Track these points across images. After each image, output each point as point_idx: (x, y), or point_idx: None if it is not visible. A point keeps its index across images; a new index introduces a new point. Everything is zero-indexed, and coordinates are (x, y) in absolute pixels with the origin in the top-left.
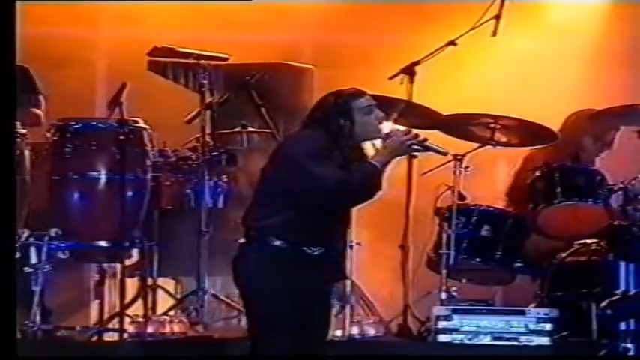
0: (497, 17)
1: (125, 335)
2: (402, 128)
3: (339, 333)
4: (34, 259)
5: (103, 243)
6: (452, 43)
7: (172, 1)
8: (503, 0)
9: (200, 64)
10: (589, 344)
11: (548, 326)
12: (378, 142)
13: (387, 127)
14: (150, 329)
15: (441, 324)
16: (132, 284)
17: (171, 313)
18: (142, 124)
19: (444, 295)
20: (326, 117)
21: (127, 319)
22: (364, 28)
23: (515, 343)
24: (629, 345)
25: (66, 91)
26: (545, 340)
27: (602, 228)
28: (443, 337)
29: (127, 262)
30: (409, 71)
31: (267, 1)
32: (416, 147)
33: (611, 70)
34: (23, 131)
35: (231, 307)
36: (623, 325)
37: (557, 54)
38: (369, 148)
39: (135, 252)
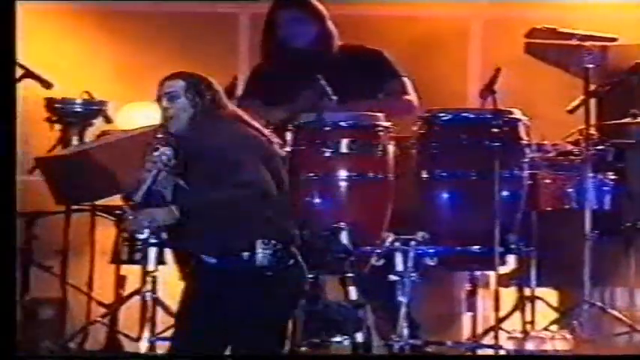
0: None
1: (501, 352)
2: None
3: None
4: (399, 266)
5: (475, 248)
6: None
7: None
8: None
9: (585, 45)
10: None
11: None
12: None
13: None
14: (529, 346)
15: None
16: (508, 295)
17: (553, 328)
18: (517, 115)
19: None
20: None
21: (504, 334)
22: None
23: None
24: None
25: (434, 78)
26: None
27: None
28: None
29: (502, 270)
30: None
31: None
32: None
33: None
34: (386, 124)
35: (620, 321)
36: None
37: None
38: None
39: (511, 259)
